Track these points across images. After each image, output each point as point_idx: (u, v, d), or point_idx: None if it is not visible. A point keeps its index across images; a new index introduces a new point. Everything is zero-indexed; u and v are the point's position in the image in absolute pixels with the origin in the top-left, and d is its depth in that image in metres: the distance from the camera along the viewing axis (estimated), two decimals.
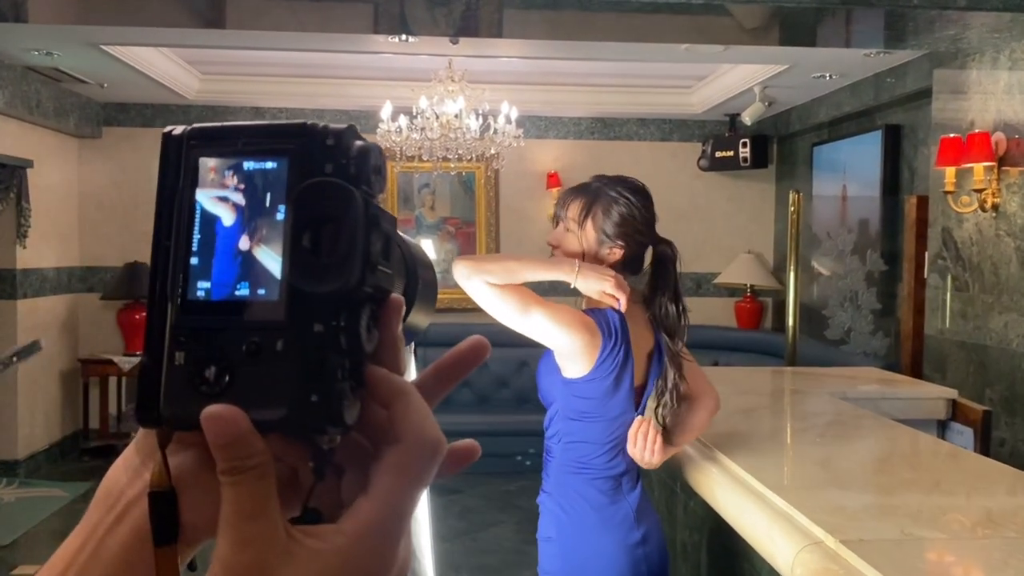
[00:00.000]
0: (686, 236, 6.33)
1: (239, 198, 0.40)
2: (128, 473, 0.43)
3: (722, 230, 6.38)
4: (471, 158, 5.24)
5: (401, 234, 0.47)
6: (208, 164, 0.41)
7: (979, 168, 3.53)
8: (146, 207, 6.13)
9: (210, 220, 0.40)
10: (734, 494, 1.98)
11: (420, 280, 0.47)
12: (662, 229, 2.01)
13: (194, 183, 0.41)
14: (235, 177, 0.40)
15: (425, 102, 4.95)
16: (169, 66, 5.36)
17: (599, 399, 1.92)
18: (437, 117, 4.97)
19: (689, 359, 2.00)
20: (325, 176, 0.39)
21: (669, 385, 1.93)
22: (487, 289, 1.83)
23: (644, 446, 1.91)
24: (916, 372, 4.20)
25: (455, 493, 5.42)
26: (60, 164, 5.90)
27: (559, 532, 1.99)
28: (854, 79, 4.98)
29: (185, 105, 5.90)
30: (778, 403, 3.01)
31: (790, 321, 4.26)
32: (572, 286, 1.88)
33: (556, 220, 2.02)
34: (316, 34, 4.29)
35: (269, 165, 0.40)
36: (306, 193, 0.38)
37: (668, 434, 1.98)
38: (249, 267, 0.39)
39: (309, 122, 0.40)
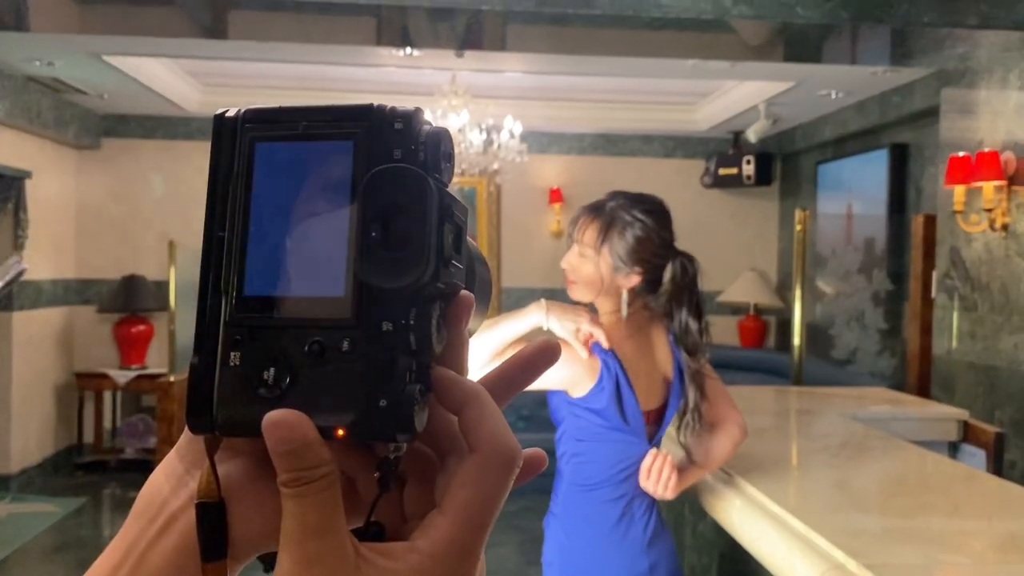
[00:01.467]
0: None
1: (300, 186, 0.37)
2: (171, 482, 0.39)
3: (725, 248, 6.34)
4: (474, 172, 5.21)
5: None
6: (266, 149, 0.37)
7: (989, 187, 3.50)
8: (145, 220, 6.09)
9: (268, 209, 0.37)
10: (751, 517, 1.93)
11: (477, 277, 0.43)
12: None
13: (250, 169, 0.38)
14: (295, 163, 0.37)
15: (428, 116, 4.91)
16: (170, 78, 5.34)
17: (603, 419, 1.86)
18: None
19: (713, 378, 1.94)
20: (394, 162, 0.36)
21: (691, 405, 1.87)
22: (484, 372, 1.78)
23: (658, 480, 1.85)
24: (924, 392, 4.15)
25: None
26: (58, 175, 5.86)
27: (561, 557, 1.93)
28: (860, 97, 4.97)
29: (186, 117, 5.87)
30: (787, 423, 2.95)
31: (796, 340, 4.21)
32: (545, 328, 1.81)
33: (569, 240, 1.96)
34: (318, 46, 4.27)
35: (333, 150, 0.37)
36: (376, 180, 0.35)
37: (689, 455, 1.92)
38: (312, 260, 0.36)
39: (376, 104, 0.37)
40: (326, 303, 0.36)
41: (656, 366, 1.91)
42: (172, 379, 4.95)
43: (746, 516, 1.95)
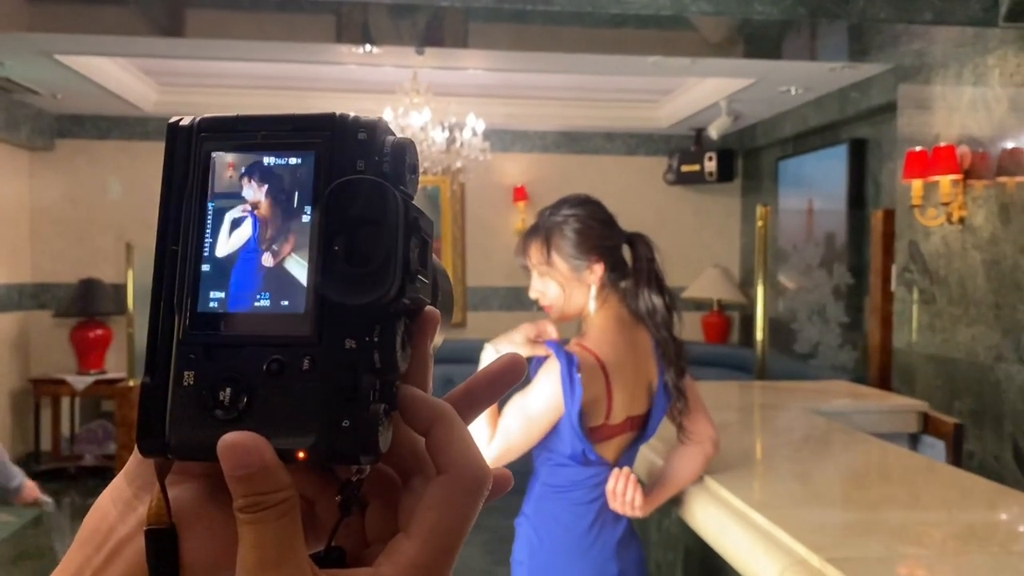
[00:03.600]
0: None
1: (258, 198, 0.35)
2: (118, 507, 0.37)
3: (688, 245, 6.38)
4: (436, 171, 5.18)
5: None
6: (222, 159, 0.36)
7: (945, 181, 3.54)
8: (102, 222, 5.97)
9: (224, 222, 0.36)
10: (714, 513, 1.93)
11: (440, 291, 0.42)
12: None
13: (206, 180, 0.36)
14: (254, 174, 0.36)
15: (390, 114, 4.88)
16: (126, 77, 5.23)
17: (563, 433, 1.85)
18: (402, 130, 4.90)
19: (689, 386, 1.92)
20: (356, 174, 0.34)
21: (670, 383, 1.87)
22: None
23: (623, 502, 1.85)
24: (884, 385, 4.20)
25: None
26: (10, 177, 5.72)
27: (531, 558, 1.92)
28: (819, 93, 5.02)
29: (143, 117, 5.77)
30: (750, 418, 2.97)
31: (759, 335, 4.24)
32: (499, 352, 1.82)
33: (525, 271, 1.96)
34: (277, 44, 4.21)
35: (293, 161, 0.35)
36: (338, 192, 0.34)
37: (682, 434, 1.91)
38: (270, 275, 0.35)
39: (338, 113, 0.36)
40: (286, 320, 0.34)
41: (641, 374, 1.90)
42: (131, 383, 4.86)
43: (709, 512, 1.95)
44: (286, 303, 0.34)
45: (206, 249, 0.35)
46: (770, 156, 6.03)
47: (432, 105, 4.94)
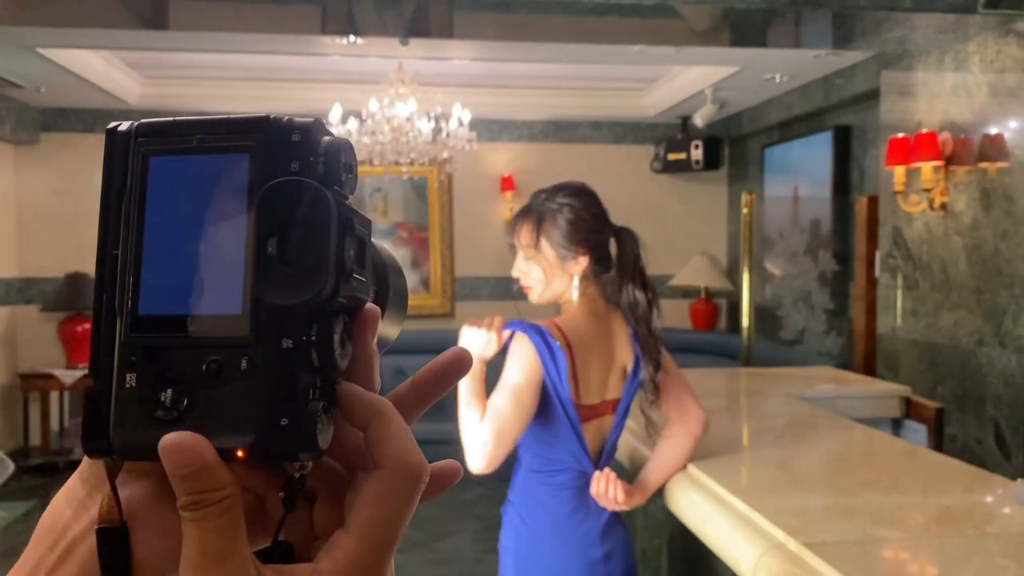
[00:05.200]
0: (640, 238, 6.34)
1: (195, 201, 0.36)
2: (72, 506, 0.38)
3: (676, 232, 6.39)
4: (423, 162, 5.18)
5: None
6: (160, 163, 0.36)
7: (927, 168, 3.56)
8: (88, 215, 5.95)
9: (163, 225, 0.36)
10: (695, 499, 1.95)
11: (391, 287, 0.43)
12: None
13: (144, 184, 0.36)
14: (190, 177, 0.36)
15: (375, 105, 4.87)
16: (109, 70, 5.21)
17: (549, 408, 1.87)
18: (388, 120, 4.90)
19: (670, 373, 1.94)
20: (292, 175, 0.35)
21: (647, 377, 1.89)
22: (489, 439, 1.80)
23: (606, 500, 1.89)
24: (869, 371, 4.24)
25: None
26: None
27: (517, 542, 1.94)
28: (804, 81, 5.03)
29: (127, 110, 5.74)
30: (735, 405, 2.99)
31: (745, 322, 4.27)
32: (477, 357, 1.85)
33: (512, 250, 1.97)
34: (262, 36, 4.20)
35: (228, 163, 0.36)
36: (272, 194, 0.34)
37: (653, 429, 1.93)
38: (208, 277, 0.35)
39: (273, 116, 0.36)
40: (224, 321, 0.35)
41: (615, 357, 1.92)
42: None
43: (691, 498, 1.97)
44: (224, 304, 0.35)
45: (146, 253, 0.36)
46: (756, 143, 6.05)
47: (418, 95, 4.94)
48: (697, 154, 5.98)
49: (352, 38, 4.21)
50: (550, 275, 1.88)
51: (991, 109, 3.40)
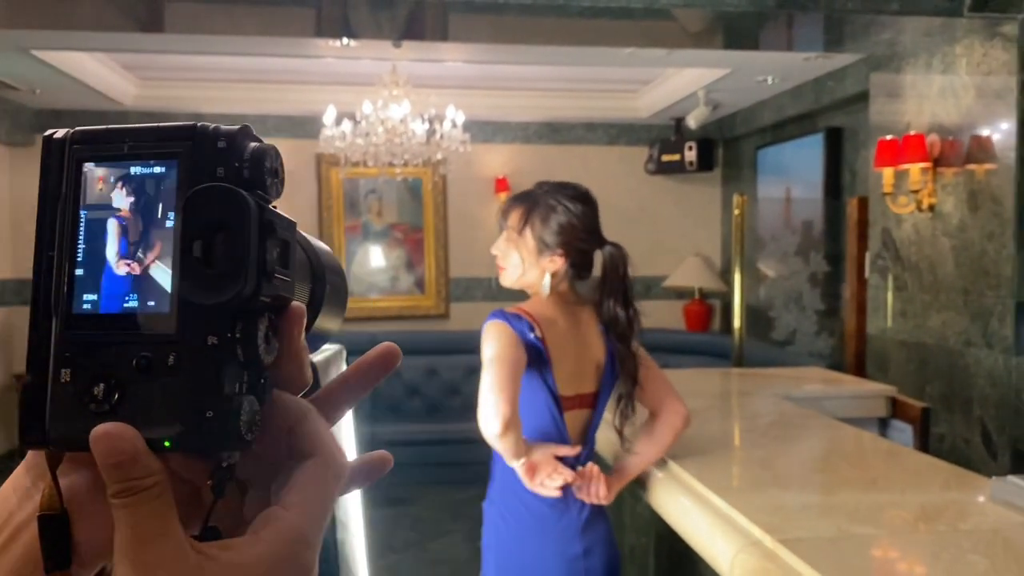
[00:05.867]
0: (634, 240, 6.32)
1: (127, 205, 0.38)
2: (18, 494, 0.41)
3: (670, 233, 6.42)
4: (417, 163, 5.20)
5: (310, 238, 0.46)
6: (93, 169, 0.39)
7: (915, 169, 3.59)
8: None
9: (96, 229, 0.38)
10: (676, 497, 1.98)
11: (328, 285, 0.45)
12: (610, 233, 1.99)
13: (78, 190, 0.39)
14: (122, 183, 0.38)
15: (369, 107, 4.90)
16: (105, 72, 5.23)
17: (532, 395, 1.89)
18: (382, 122, 4.93)
19: (651, 371, 1.97)
20: (216, 180, 0.37)
21: (623, 392, 1.91)
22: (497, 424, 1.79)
23: (587, 493, 1.91)
24: (860, 371, 4.26)
25: (406, 504, 5.36)
26: None
27: (497, 540, 1.97)
28: (796, 83, 5.05)
29: (122, 111, 5.76)
30: (723, 404, 3.02)
31: (736, 323, 4.30)
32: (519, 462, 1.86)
33: (500, 227, 2.00)
34: (256, 38, 4.22)
35: (157, 170, 0.38)
36: (195, 199, 0.36)
37: (622, 441, 1.96)
38: (138, 278, 0.37)
39: (199, 124, 0.38)
40: (153, 319, 0.37)
41: (587, 351, 1.95)
42: None
43: (672, 495, 1.99)
44: (153, 304, 0.37)
45: (79, 255, 0.38)
46: (749, 145, 6.07)
47: (412, 97, 4.96)
48: (691, 155, 6.00)
49: (346, 40, 4.23)
50: (526, 264, 1.91)
51: (978, 111, 3.43)
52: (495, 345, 1.82)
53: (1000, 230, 3.30)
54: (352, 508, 1.56)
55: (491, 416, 1.78)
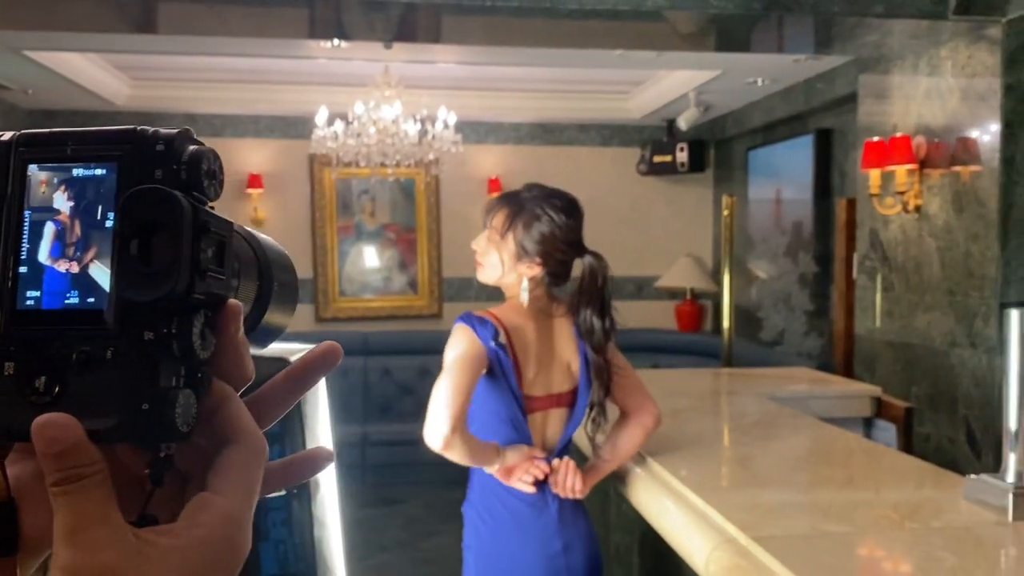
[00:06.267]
0: (627, 240, 6.39)
1: (69, 206, 0.40)
2: None
3: (662, 234, 6.44)
4: (410, 163, 5.22)
5: (261, 236, 0.47)
6: (37, 171, 0.40)
7: (901, 171, 3.61)
8: None
9: (39, 229, 0.40)
10: (656, 495, 2.00)
11: (276, 282, 0.47)
12: (603, 234, 2.00)
13: (23, 190, 0.40)
14: (65, 185, 0.40)
15: (361, 107, 4.91)
16: (97, 72, 5.24)
17: (495, 398, 1.92)
18: (374, 122, 4.94)
19: (625, 373, 1.99)
20: (154, 183, 0.38)
21: (596, 401, 1.93)
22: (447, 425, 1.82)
23: (563, 487, 1.93)
24: (848, 371, 4.28)
25: (398, 503, 5.37)
26: None
27: (477, 541, 1.99)
28: (786, 84, 5.07)
29: (115, 112, 5.77)
30: (707, 404, 3.04)
31: (725, 323, 4.32)
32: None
33: (484, 225, 2.02)
34: (249, 39, 4.23)
35: (98, 172, 0.40)
36: (132, 200, 0.38)
37: (595, 449, 1.99)
38: (79, 277, 0.39)
39: (139, 127, 0.40)
40: (93, 316, 0.39)
41: (559, 354, 1.97)
42: None
43: (652, 494, 2.02)
44: (92, 300, 0.39)
45: (23, 254, 0.40)
46: (741, 146, 6.10)
47: (404, 98, 4.98)
48: (682, 156, 6.02)
49: (337, 42, 4.25)
50: (505, 267, 1.93)
51: (963, 113, 3.45)
52: (455, 351, 1.86)
53: (984, 232, 3.32)
54: (330, 505, 1.57)
55: (433, 432, 1.82)
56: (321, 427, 1.57)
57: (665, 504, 1.94)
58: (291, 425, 1.61)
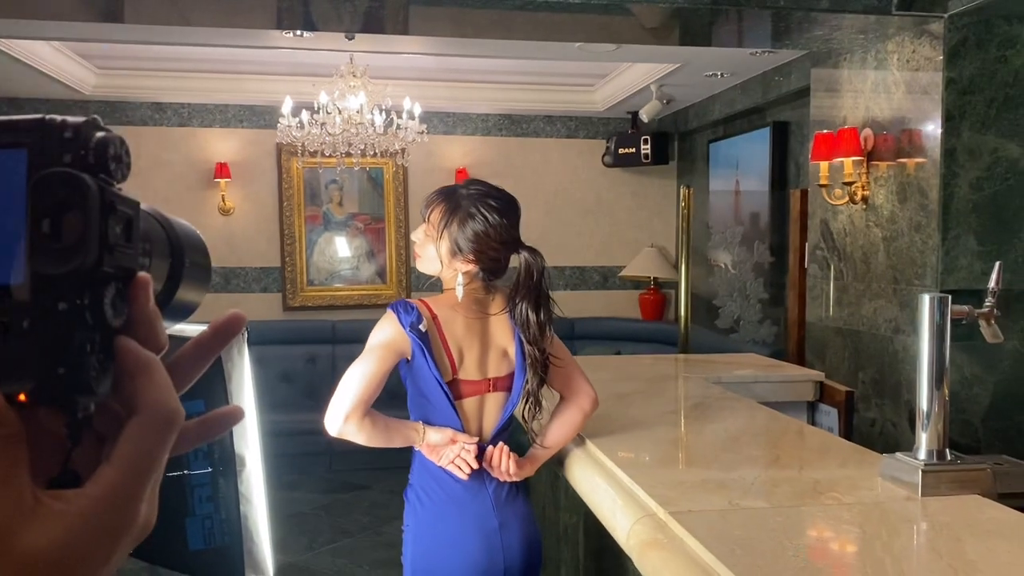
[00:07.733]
0: (593, 231, 6.48)
1: None
2: None
3: (627, 225, 6.53)
4: (375, 153, 5.27)
5: (175, 219, 0.52)
6: None
7: (848, 162, 3.71)
8: None
9: None
10: (589, 473, 2.08)
11: (188, 261, 0.51)
12: (570, 225, 2.07)
13: None
14: None
15: (325, 97, 4.95)
16: (63, 61, 5.25)
17: (423, 381, 1.99)
18: (340, 112, 4.98)
19: (563, 362, 2.06)
20: (64, 166, 0.42)
21: (530, 390, 2.00)
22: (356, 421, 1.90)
23: (499, 471, 2.00)
24: (800, 358, 4.39)
25: (363, 489, 5.44)
26: None
27: (416, 521, 2.05)
28: (744, 78, 5.17)
29: (82, 100, 5.78)
30: (654, 388, 3.12)
31: (682, 311, 4.41)
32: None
33: (423, 218, 2.07)
34: (213, 29, 4.26)
35: (9, 157, 0.43)
36: (41, 183, 0.42)
37: (532, 437, 2.06)
38: None
39: (47, 116, 0.44)
40: (10, 288, 0.43)
41: (496, 339, 2.03)
42: None
43: (586, 472, 2.09)
44: (9, 275, 0.43)
45: None
46: (702, 138, 6.19)
47: (369, 88, 5.02)
48: (646, 149, 6.11)
49: (300, 32, 4.28)
50: (442, 261, 1.99)
51: (908, 106, 3.55)
52: (375, 337, 1.94)
53: (926, 221, 3.43)
54: (256, 484, 1.64)
55: (330, 417, 1.89)
56: (248, 420, 1.64)
57: (596, 482, 2.01)
58: (215, 393, 1.68)
